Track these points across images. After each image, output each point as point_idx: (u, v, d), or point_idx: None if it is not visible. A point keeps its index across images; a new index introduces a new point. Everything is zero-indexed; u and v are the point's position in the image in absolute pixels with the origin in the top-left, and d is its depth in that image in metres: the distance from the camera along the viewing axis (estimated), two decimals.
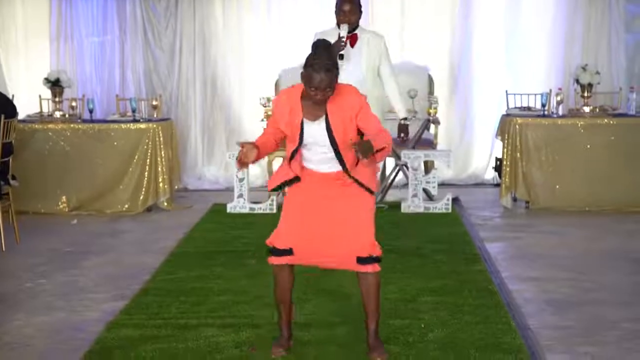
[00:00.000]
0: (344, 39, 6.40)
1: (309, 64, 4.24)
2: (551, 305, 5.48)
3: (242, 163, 4.33)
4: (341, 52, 6.33)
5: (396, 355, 4.51)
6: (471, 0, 10.28)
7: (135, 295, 5.71)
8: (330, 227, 4.36)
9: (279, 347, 4.56)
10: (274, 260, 4.46)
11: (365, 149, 4.12)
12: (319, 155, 4.41)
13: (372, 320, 4.48)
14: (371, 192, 4.46)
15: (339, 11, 6.53)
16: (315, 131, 4.34)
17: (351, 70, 6.41)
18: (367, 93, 6.28)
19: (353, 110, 4.32)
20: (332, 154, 4.37)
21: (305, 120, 4.34)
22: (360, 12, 6.58)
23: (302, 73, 4.28)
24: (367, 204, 4.45)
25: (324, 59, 4.24)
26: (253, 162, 4.38)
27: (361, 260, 4.35)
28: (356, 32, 6.58)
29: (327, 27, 6.73)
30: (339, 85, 4.34)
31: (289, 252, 4.41)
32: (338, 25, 6.51)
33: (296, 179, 4.46)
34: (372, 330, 4.49)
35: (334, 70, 4.24)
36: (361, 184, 4.41)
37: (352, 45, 6.50)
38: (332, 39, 6.25)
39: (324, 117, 4.32)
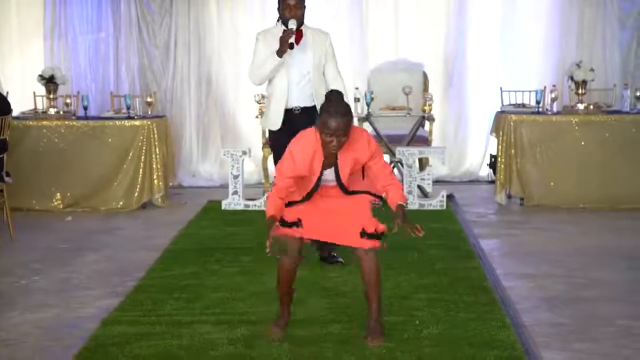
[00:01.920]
0: (294, 29, 6.13)
1: (325, 109, 4.31)
2: (546, 302, 5.49)
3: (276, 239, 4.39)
4: (291, 41, 6.09)
5: (391, 351, 4.51)
6: None
7: (130, 292, 5.71)
8: (335, 211, 4.54)
9: (277, 328, 4.70)
10: (283, 230, 4.50)
11: (406, 219, 4.43)
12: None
13: (373, 300, 4.60)
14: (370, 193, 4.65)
15: (284, 6, 6.24)
16: (327, 175, 4.51)
17: (296, 68, 6.28)
18: (314, 92, 6.29)
19: (364, 155, 4.47)
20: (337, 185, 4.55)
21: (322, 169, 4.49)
22: (305, 7, 6.30)
23: (317, 123, 4.35)
24: (367, 197, 4.64)
25: (339, 104, 4.32)
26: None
27: (364, 234, 4.51)
28: (301, 28, 6.29)
29: (271, 26, 6.60)
30: (352, 132, 4.41)
31: (297, 224, 4.53)
32: (283, 22, 6.26)
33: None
34: (373, 311, 4.61)
35: (349, 116, 4.32)
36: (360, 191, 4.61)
37: (297, 42, 6.19)
38: (276, 38, 6.18)
39: (334, 164, 4.47)
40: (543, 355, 4.52)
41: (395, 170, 9.18)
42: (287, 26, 6.18)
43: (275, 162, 6.34)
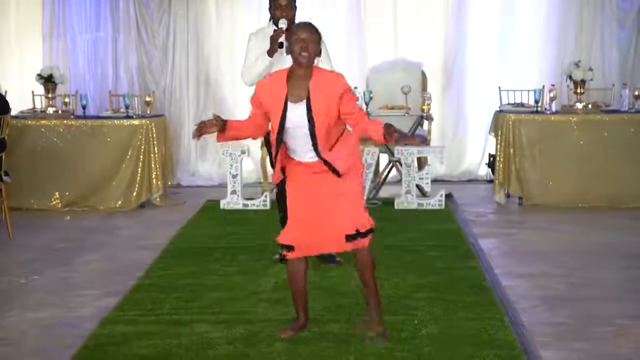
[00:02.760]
0: (284, 29, 6.08)
1: (293, 27, 4.62)
2: (544, 301, 5.49)
3: (200, 131, 4.43)
4: (281, 40, 6.03)
5: (389, 350, 4.51)
6: None
7: (129, 292, 5.71)
8: (321, 218, 4.55)
9: (289, 330, 4.75)
10: (289, 255, 4.65)
11: (401, 132, 4.30)
12: (301, 141, 4.51)
13: (370, 295, 4.70)
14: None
15: (275, 5, 6.22)
16: (297, 114, 4.45)
17: (288, 66, 6.28)
18: None
19: (336, 92, 4.44)
20: (310, 141, 4.48)
21: (289, 102, 4.46)
22: (296, 8, 6.29)
23: (286, 47, 4.63)
24: (352, 183, 4.60)
25: (307, 24, 4.55)
26: (223, 138, 4.55)
27: (349, 238, 4.53)
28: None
29: (263, 25, 6.53)
30: (324, 70, 4.57)
31: (291, 248, 4.63)
32: (273, 22, 6.24)
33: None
34: (372, 305, 4.70)
35: (318, 32, 4.50)
36: (335, 171, 4.53)
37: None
38: (268, 37, 6.15)
39: (305, 98, 4.44)
40: (542, 354, 4.52)
41: (394, 169, 9.20)
42: (277, 26, 6.16)
43: (271, 163, 6.37)
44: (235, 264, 6.41)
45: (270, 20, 6.35)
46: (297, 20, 6.18)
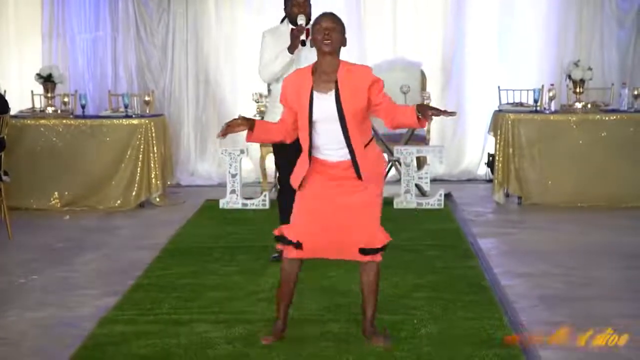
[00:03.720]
0: (304, 25, 6.07)
1: (315, 18, 4.52)
2: (543, 300, 5.49)
3: (226, 131, 4.36)
4: (303, 39, 6.03)
5: (388, 350, 4.51)
6: None
7: (128, 291, 5.71)
8: (336, 224, 4.42)
9: (271, 337, 4.65)
10: (287, 250, 4.51)
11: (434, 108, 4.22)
12: (329, 137, 4.39)
13: (369, 306, 4.59)
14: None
15: (292, 3, 6.18)
16: (324, 104, 4.35)
17: (305, 64, 5.93)
18: None
19: (365, 82, 4.38)
20: (340, 135, 4.36)
21: (315, 92, 4.37)
22: (311, 6, 6.21)
23: (310, 40, 4.55)
24: (373, 195, 4.49)
25: (329, 13, 4.52)
26: (252, 138, 4.48)
27: (363, 251, 4.46)
28: (308, 27, 6.02)
29: (277, 25, 6.42)
30: (351, 63, 4.50)
31: (298, 245, 4.46)
32: (290, 20, 6.21)
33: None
34: (369, 316, 4.60)
35: (340, 21, 4.49)
36: (359, 174, 4.40)
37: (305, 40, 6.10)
38: (284, 36, 6.14)
39: (334, 89, 4.36)
40: (541, 354, 4.52)
41: (393, 169, 9.20)
42: (295, 24, 6.13)
43: (277, 164, 6.41)
44: (235, 263, 6.41)
45: (283, 20, 6.34)
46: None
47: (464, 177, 10.35)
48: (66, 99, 9.12)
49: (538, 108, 8.76)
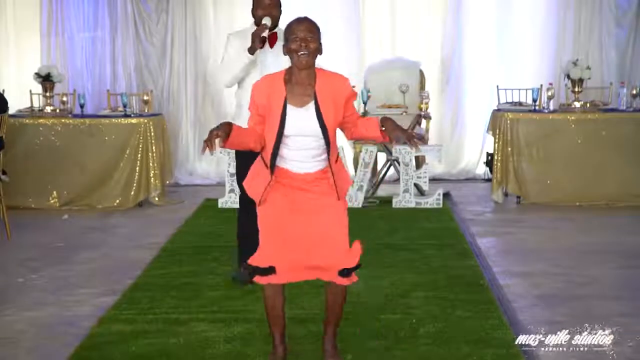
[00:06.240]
0: (267, 25, 5.59)
1: (288, 24, 4.07)
2: (542, 300, 5.50)
3: (209, 144, 3.87)
4: (264, 35, 5.54)
5: (387, 349, 4.52)
6: None
7: (127, 291, 5.71)
8: (308, 242, 4.08)
9: None
10: (261, 280, 4.16)
11: (401, 128, 4.06)
12: (300, 151, 4.08)
13: (333, 323, 4.32)
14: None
15: (257, 4, 5.71)
16: (301, 119, 4.03)
17: (271, 68, 5.36)
18: None
19: (343, 94, 4.08)
20: (317, 148, 4.07)
21: (289, 105, 4.03)
22: (281, 10, 5.77)
23: (283, 45, 4.07)
24: (342, 214, 4.16)
25: (305, 18, 4.08)
26: (222, 144, 3.93)
27: (342, 273, 4.13)
28: (275, 30, 5.71)
29: (244, 27, 6.00)
30: (328, 71, 4.14)
31: (272, 270, 4.11)
32: (255, 22, 5.73)
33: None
34: (331, 334, 4.33)
35: (317, 28, 4.05)
36: (335, 186, 4.11)
37: (271, 46, 5.66)
38: (249, 38, 5.64)
39: (312, 102, 4.04)
40: (539, 353, 4.52)
41: (392, 168, 9.20)
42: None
43: (238, 173, 5.78)
44: (233, 262, 6.41)
45: (253, 22, 5.84)
46: (281, 23, 5.80)
47: (462, 176, 10.36)
48: (65, 98, 9.12)
49: (537, 107, 8.76)
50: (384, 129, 4.08)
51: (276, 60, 5.55)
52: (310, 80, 4.07)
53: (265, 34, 5.56)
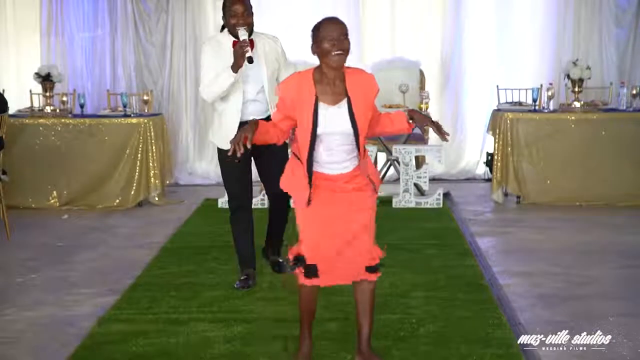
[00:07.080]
0: (247, 40, 5.40)
1: (316, 25, 4.05)
2: (542, 299, 5.50)
3: (239, 144, 3.88)
4: (249, 55, 5.34)
5: (387, 349, 4.52)
6: None
7: (126, 290, 5.71)
8: (345, 240, 4.16)
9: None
10: (305, 282, 4.20)
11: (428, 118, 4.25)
12: (332, 151, 4.11)
13: (367, 324, 4.31)
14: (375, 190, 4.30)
15: (230, 14, 5.53)
16: (334, 117, 4.05)
17: (252, 84, 5.61)
18: (268, 104, 5.64)
19: (372, 92, 4.13)
20: (349, 144, 4.10)
21: (321, 104, 4.04)
22: (253, 13, 5.64)
23: (312, 46, 4.05)
24: (373, 209, 4.28)
25: (334, 18, 4.07)
26: (249, 146, 3.93)
27: (369, 269, 4.22)
28: (252, 38, 5.59)
29: (216, 34, 5.85)
30: (356, 69, 4.16)
31: (314, 270, 4.17)
32: (229, 31, 5.59)
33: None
34: (365, 335, 4.31)
35: (346, 28, 4.04)
36: (371, 181, 4.23)
37: (251, 61, 5.41)
38: (224, 47, 5.55)
39: (345, 100, 4.06)
40: (539, 353, 4.52)
41: (392, 168, 9.20)
42: (235, 36, 5.52)
43: (225, 180, 5.98)
44: (233, 262, 6.38)
45: (223, 29, 5.70)
46: (255, 29, 5.74)
47: (462, 176, 10.36)
48: (65, 98, 9.11)
49: (537, 107, 8.76)
50: (411, 121, 4.25)
51: (257, 70, 5.60)
52: (340, 78, 4.08)
53: (250, 53, 5.37)
